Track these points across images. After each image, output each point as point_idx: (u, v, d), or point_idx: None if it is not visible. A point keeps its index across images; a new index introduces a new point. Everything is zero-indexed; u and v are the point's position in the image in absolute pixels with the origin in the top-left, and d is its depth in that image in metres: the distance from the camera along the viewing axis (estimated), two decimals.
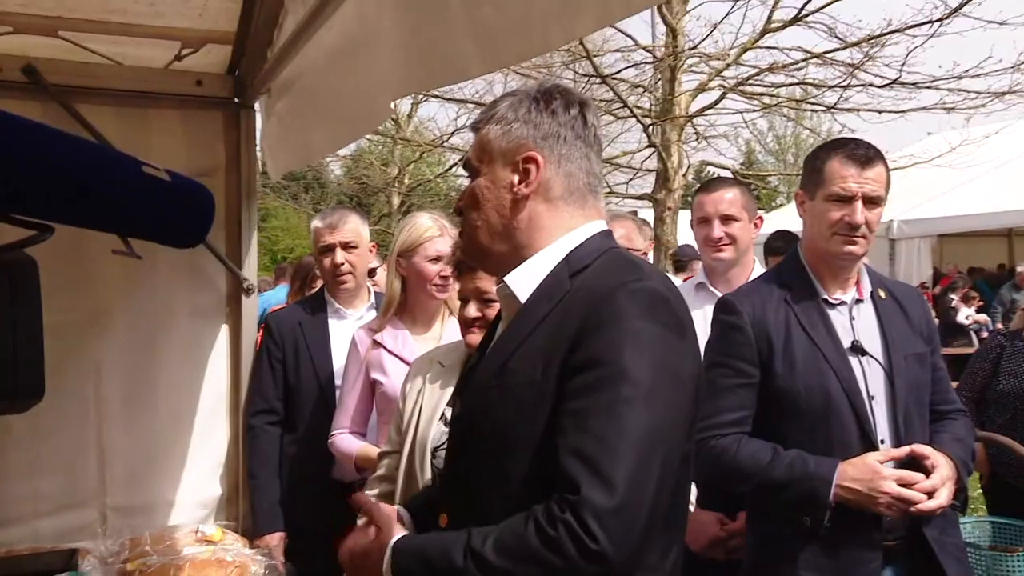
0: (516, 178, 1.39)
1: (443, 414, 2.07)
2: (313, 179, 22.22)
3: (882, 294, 2.20)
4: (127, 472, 2.72)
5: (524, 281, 1.38)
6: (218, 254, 2.78)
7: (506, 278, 1.40)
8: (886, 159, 2.19)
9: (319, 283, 3.67)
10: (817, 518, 1.96)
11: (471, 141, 1.49)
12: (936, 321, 2.26)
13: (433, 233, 2.70)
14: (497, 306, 2.02)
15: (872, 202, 2.12)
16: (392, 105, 1.85)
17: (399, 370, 2.63)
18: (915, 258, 11.44)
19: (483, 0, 1.32)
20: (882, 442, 2.05)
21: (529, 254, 1.39)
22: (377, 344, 2.69)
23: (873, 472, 1.95)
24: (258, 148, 2.94)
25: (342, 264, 3.00)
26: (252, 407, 2.93)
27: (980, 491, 4.16)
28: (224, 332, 2.88)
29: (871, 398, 2.06)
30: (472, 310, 2.05)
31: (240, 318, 2.89)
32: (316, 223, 3.14)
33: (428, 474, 2.01)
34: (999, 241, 15.65)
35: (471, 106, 14.04)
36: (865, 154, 2.12)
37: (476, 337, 2.03)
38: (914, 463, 2.01)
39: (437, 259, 2.68)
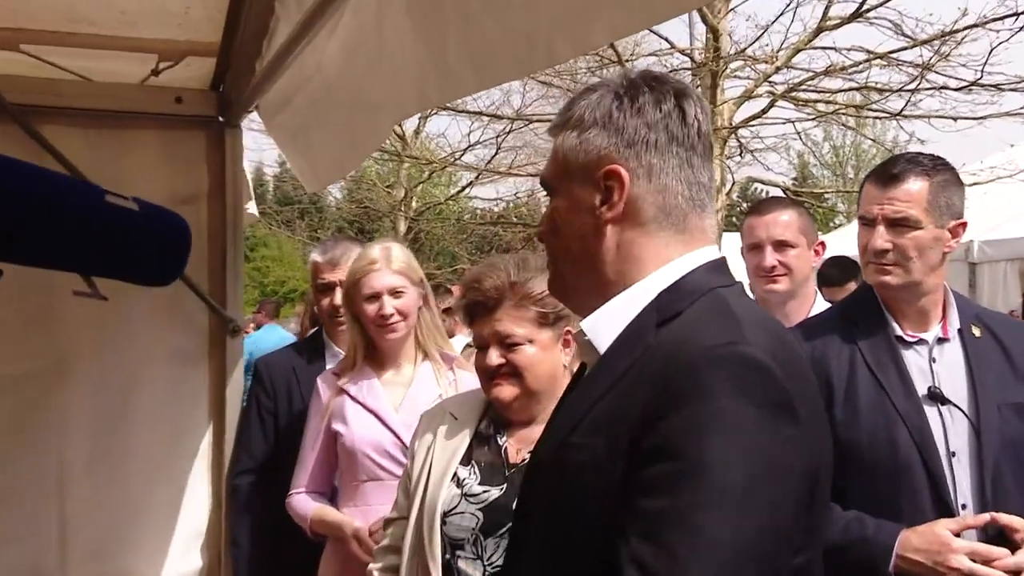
0: (598, 198, 1.26)
1: (455, 475, 2.04)
2: (310, 203, 22.45)
3: (976, 332, 2.14)
4: (92, 544, 2.70)
5: (604, 327, 1.26)
6: (199, 291, 2.80)
7: (583, 323, 1.28)
8: (937, 170, 2.12)
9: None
10: None
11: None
12: None
13: (370, 267, 2.68)
14: (526, 350, 2.02)
15: (898, 224, 2.09)
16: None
17: (362, 420, 2.62)
18: (1000, 284, 11.28)
19: (484, 15, 1.31)
20: (963, 507, 1.98)
21: (613, 292, 1.26)
22: (341, 391, 2.68)
23: (941, 543, 1.89)
24: (249, 174, 2.97)
25: (342, 306, 3.01)
26: (237, 466, 2.91)
27: None
28: (206, 379, 2.89)
29: (952, 455, 2.00)
30: (494, 357, 2.02)
31: (224, 363, 2.89)
32: (315, 257, 3.15)
33: (438, 544, 1.98)
34: None
35: (486, 119, 14.19)
36: (890, 172, 2.11)
37: (505, 390, 2.02)
38: (1002, 536, 1.94)
39: (375, 296, 2.65)
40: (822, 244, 2.94)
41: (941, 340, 2.12)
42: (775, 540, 1.06)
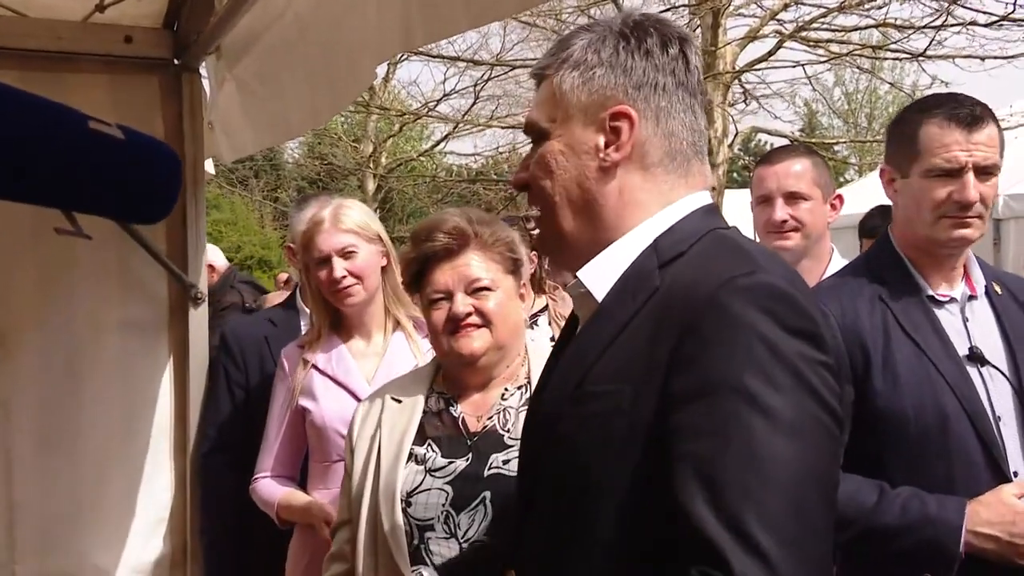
0: (602, 140, 1.34)
1: (412, 453, 2.06)
2: (265, 161, 22.27)
3: (998, 289, 2.19)
4: (42, 531, 2.72)
5: (603, 275, 1.33)
6: (157, 254, 2.79)
7: (580, 273, 1.35)
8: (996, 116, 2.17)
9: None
10: (943, 574, 1.93)
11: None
12: None
13: (316, 228, 2.67)
14: (495, 296, 2.04)
15: (986, 172, 2.10)
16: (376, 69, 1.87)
17: (333, 395, 2.63)
18: None
19: None
20: (1015, 474, 2.02)
21: (612, 238, 1.34)
22: (307, 364, 2.70)
23: (1015, 512, 1.92)
24: (206, 122, 2.95)
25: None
26: (204, 443, 2.93)
27: None
28: (166, 352, 2.90)
29: (998, 419, 2.04)
30: (462, 304, 2.03)
31: (187, 334, 2.90)
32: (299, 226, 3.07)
33: (401, 533, 1.99)
34: None
35: (463, 65, 14.08)
36: (971, 113, 2.10)
37: (475, 340, 2.03)
38: None
39: (325, 260, 2.65)
40: (839, 197, 2.94)
41: (971, 298, 2.16)
42: (829, 460, 1.16)
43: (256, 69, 2.67)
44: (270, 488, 2.73)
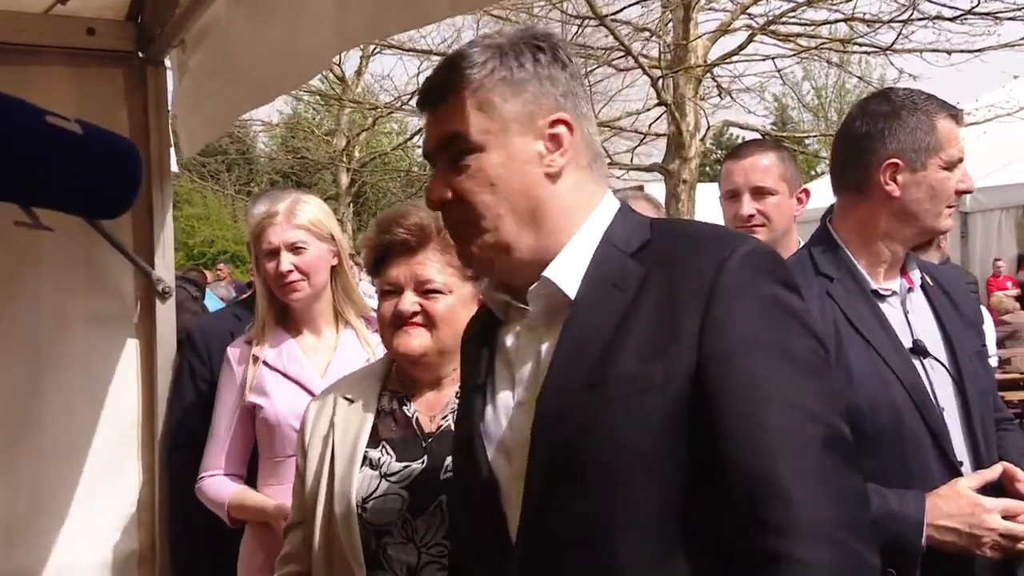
0: (542, 146, 1.40)
1: (366, 458, 2.02)
2: (238, 154, 22.11)
3: (929, 281, 2.24)
4: (5, 528, 2.69)
5: (570, 272, 1.39)
6: (122, 248, 2.76)
7: (547, 273, 1.39)
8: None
9: None
10: (906, 569, 1.92)
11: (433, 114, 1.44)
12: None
13: (269, 221, 2.65)
14: (445, 299, 2.00)
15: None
16: (337, 58, 1.84)
17: (286, 391, 2.60)
18: (994, 235, 11.56)
19: None
20: (960, 464, 2.05)
21: (560, 240, 1.41)
22: (256, 360, 2.67)
23: (973, 504, 1.93)
24: (170, 115, 2.92)
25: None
26: (172, 440, 2.91)
27: None
28: (133, 347, 2.87)
29: (941, 409, 2.07)
30: (409, 302, 1.99)
31: (154, 329, 2.87)
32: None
33: (357, 537, 1.95)
34: None
35: (436, 58, 14.03)
36: (956, 111, 2.20)
37: (416, 340, 1.99)
38: (996, 490, 2.00)
39: (273, 252, 2.63)
40: (805, 191, 2.98)
41: (909, 290, 2.19)
42: (838, 399, 1.34)
43: (203, 61, 2.63)
44: (220, 486, 2.70)
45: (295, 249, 2.64)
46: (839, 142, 2.32)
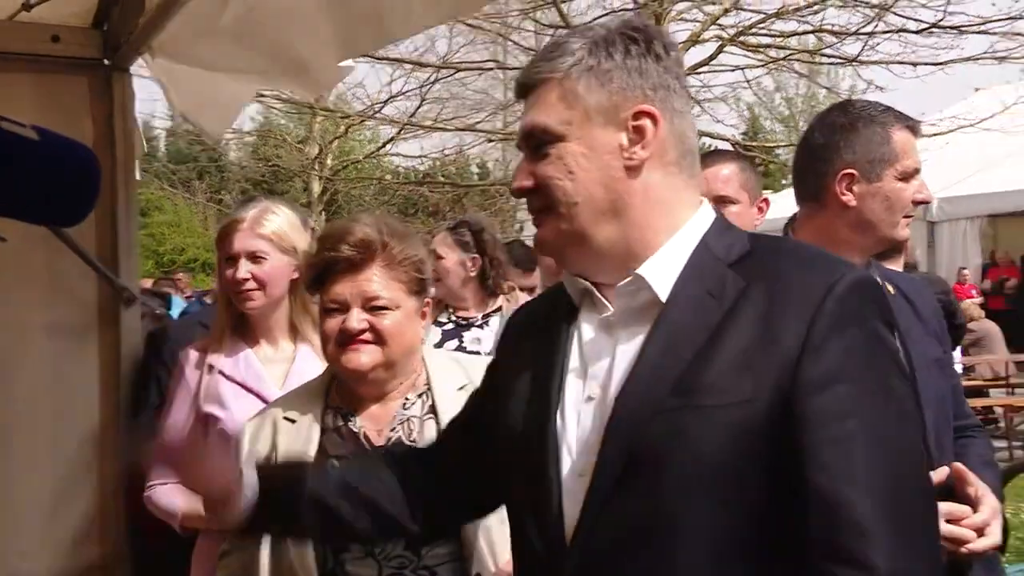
0: (625, 139, 1.38)
1: None
2: (209, 161, 21.96)
3: (890, 289, 2.27)
4: None
5: (664, 274, 1.38)
6: (86, 255, 2.74)
7: (642, 271, 1.38)
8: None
9: None
10: None
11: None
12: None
13: (233, 227, 2.63)
14: (392, 315, 1.98)
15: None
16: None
17: (244, 402, 2.55)
18: (960, 244, 11.71)
19: None
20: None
21: (645, 237, 1.39)
22: (212, 368, 2.63)
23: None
24: (139, 121, 2.91)
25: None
26: (134, 447, 2.87)
27: None
28: (96, 356, 2.85)
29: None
30: (356, 320, 1.97)
31: (118, 337, 2.86)
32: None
33: (311, 557, 1.92)
34: None
35: (408, 67, 14.04)
36: (914, 121, 2.25)
37: (364, 356, 1.98)
38: (943, 493, 2.02)
39: (233, 259, 2.60)
40: (766, 201, 3.02)
41: None
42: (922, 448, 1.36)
43: (199, 63, 2.63)
44: (172, 495, 2.66)
45: (255, 258, 2.61)
46: (798, 153, 2.37)
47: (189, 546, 2.70)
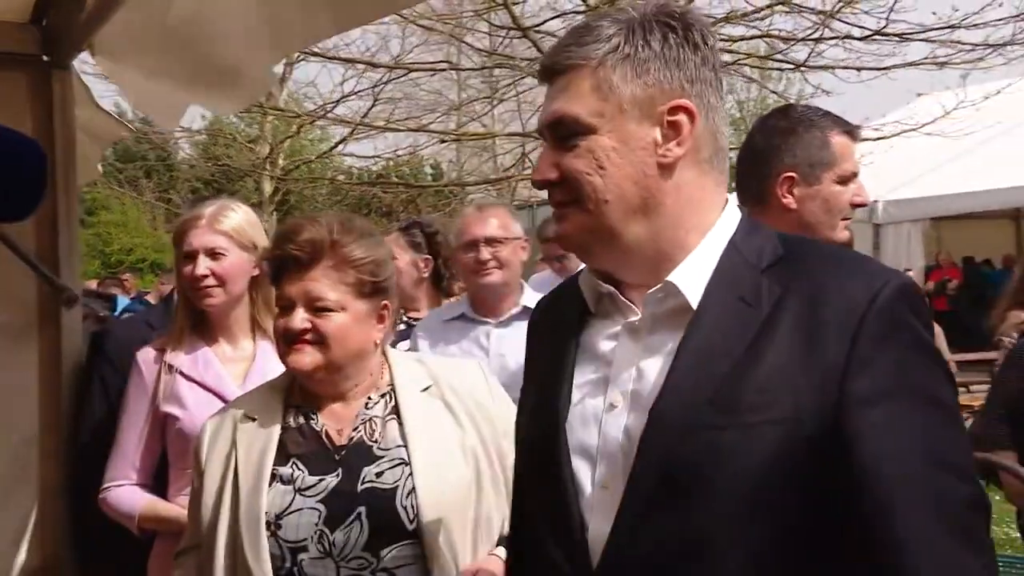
0: (659, 134, 1.30)
1: (275, 474, 1.97)
2: (158, 160, 21.64)
3: None
4: None
5: (695, 279, 1.31)
6: (26, 256, 2.70)
7: (673, 278, 1.31)
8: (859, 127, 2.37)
9: None
10: None
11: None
12: None
13: (192, 223, 2.62)
14: (336, 317, 1.96)
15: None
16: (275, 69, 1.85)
17: (203, 402, 2.55)
18: (904, 246, 11.92)
19: None
20: None
21: (677, 237, 1.33)
22: (171, 368, 2.61)
23: None
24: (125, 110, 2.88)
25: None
26: (80, 451, 2.82)
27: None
28: (35, 358, 2.81)
29: None
30: (299, 320, 1.96)
31: (59, 339, 2.82)
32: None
33: (266, 559, 1.90)
34: (1006, 225, 16.47)
35: (361, 67, 13.96)
36: (857, 128, 2.34)
37: (305, 357, 1.97)
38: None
39: (191, 255, 2.59)
40: None
41: None
42: (970, 449, 1.30)
43: (136, 68, 2.61)
44: (131, 496, 2.63)
45: (214, 254, 2.60)
46: (741, 156, 2.40)
47: (142, 549, 2.68)
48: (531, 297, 3.22)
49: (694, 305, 1.30)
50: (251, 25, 2.03)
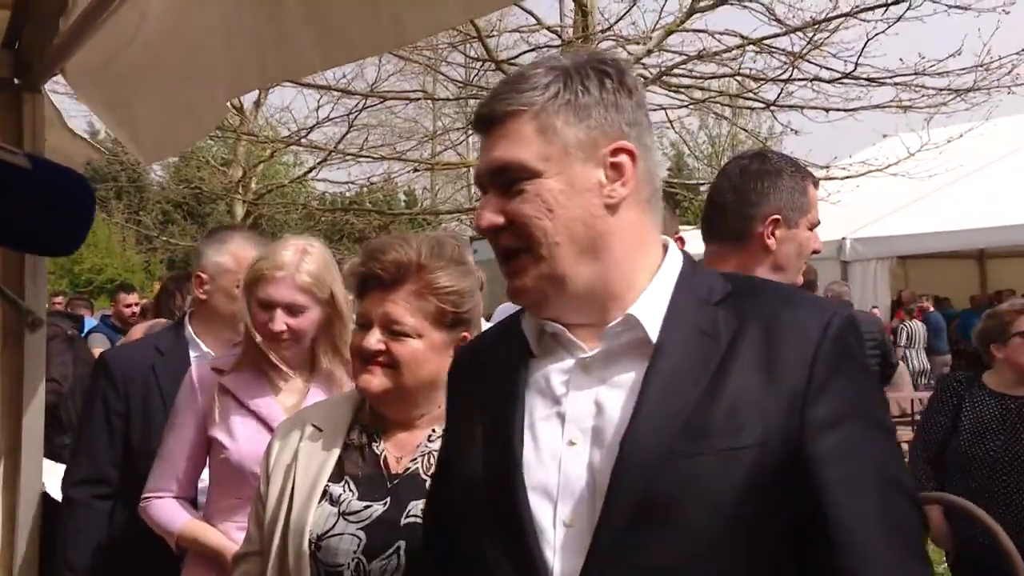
0: (603, 176, 1.34)
1: (326, 492, 1.92)
2: (128, 181, 21.52)
3: None
4: None
5: (653, 314, 1.34)
6: None
7: (633, 310, 1.34)
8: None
9: None
10: None
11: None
12: None
13: (273, 273, 2.50)
14: (411, 343, 1.90)
15: None
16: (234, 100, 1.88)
17: (251, 433, 2.49)
18: (871, 283, 12.09)
19: None
20: None
21: (624, 276, 1.36)
22: (226, 392, 2.55)
23: None
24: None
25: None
26: (75, 473, 2.80)
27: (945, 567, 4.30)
28: None
29: None
30: (374, 340, 1.90)
31: (21, 361, 2.79)
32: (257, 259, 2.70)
33: (307, 570, 1.87)
34: (970, 265, 16.76)
35: (336, 94, 13.99)
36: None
37: (375, 380, 1.91)
38: None
39: (269, 305, 2.49)
40: (680, 239, 3.10)
41: None
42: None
43: (105, 95, 2.62)
44: (172, 511, 2.56)
45: (292, 310, 2.50)
46: (721, 193, 2.41)
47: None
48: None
49: (653, 339, 1.32)
50: (213, 61, 2.04)
